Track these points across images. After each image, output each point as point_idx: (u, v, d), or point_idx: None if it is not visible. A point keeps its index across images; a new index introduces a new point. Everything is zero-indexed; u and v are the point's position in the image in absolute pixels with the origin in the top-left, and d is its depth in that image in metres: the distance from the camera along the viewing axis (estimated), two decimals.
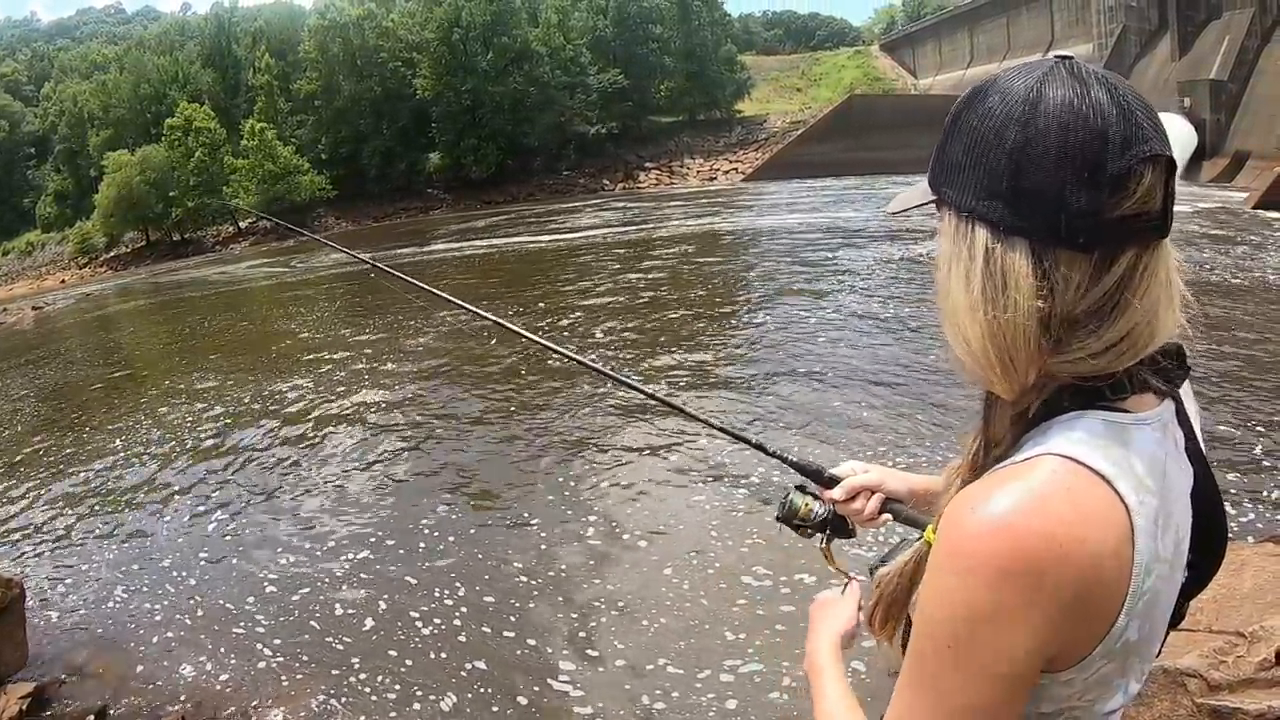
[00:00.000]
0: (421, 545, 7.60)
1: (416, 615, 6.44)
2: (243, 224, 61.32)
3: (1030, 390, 1.05)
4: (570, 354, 2.46)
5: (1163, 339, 1.04)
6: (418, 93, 59.43)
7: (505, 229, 37.57)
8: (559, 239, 31.37)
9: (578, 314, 16.37)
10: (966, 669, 0.97)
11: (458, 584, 6.83)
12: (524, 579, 6.78)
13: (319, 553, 7.76)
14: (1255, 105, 29.19)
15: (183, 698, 5.80)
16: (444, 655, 5.95)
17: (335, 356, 15.79)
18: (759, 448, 1.92)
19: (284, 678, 5.90)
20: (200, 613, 6.94)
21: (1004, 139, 0.99)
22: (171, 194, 58.92)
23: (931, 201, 1.13)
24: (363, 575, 7.20)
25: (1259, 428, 7.81)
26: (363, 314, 21.16)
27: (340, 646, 6.20)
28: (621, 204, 43.78)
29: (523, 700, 5.35)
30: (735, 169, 54.84)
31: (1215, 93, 30.43)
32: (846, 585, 1.59)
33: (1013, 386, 1.04)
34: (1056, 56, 1.04)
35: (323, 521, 8.47)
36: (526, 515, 7.90)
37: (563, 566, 6.86)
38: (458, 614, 6.41)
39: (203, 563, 7.91)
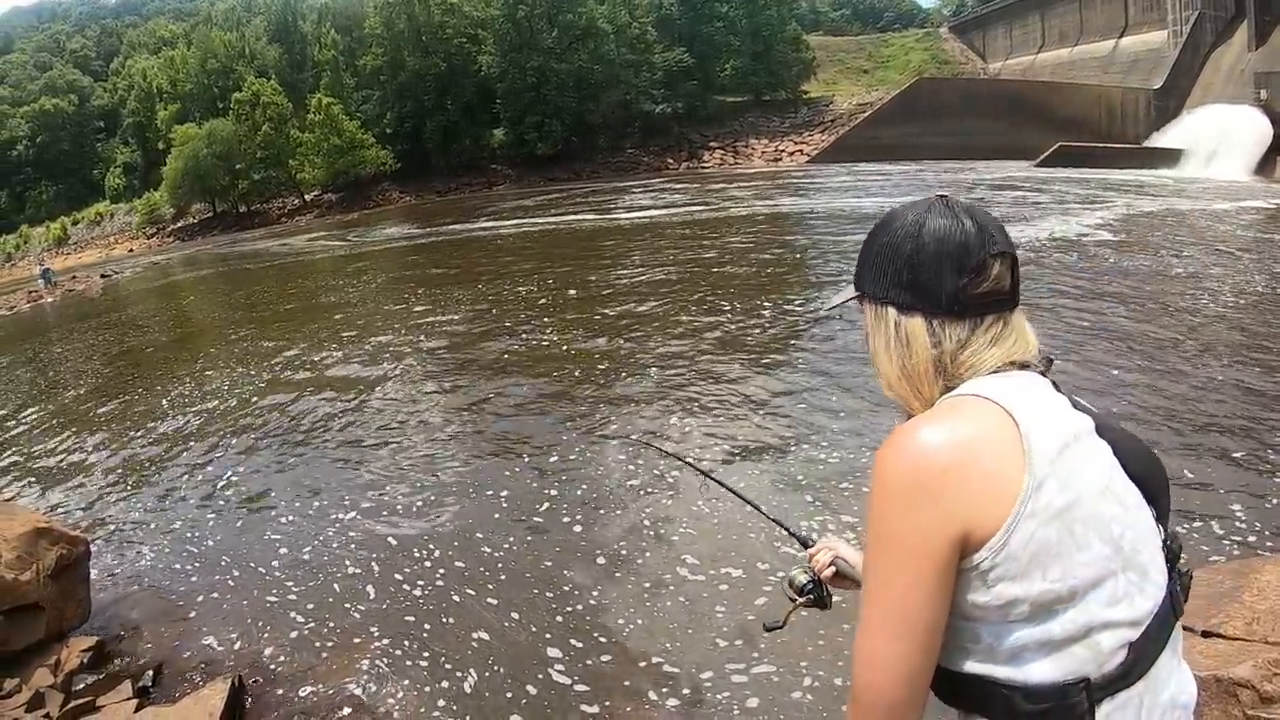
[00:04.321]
0: (466, 526, 7.48)
1: (458, 597, 6.35)
2: (307, 197, 61.93)
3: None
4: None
5: (1023, 359, 1.45)
6: (482, 69, 59.57)
7: (568, 206, 37.46)
8: (622, 218, 31.15)
9: (637, 297, 16.05)
10: (892, 558, 1.30)
11: (494, 562, 6.77)
12: (550, 564, 6.67)
13: (355, 522, 7.77)
14: None
15: (232, 661, 5.80)
16: (468, 630, 5.91)
17: (385, 327, 15.87)
18: (776, 521, 2.55)
19: (328, 644, 5.89)
20: (245, 578, 6.95)
21: (902, 250, 1.45)
22: (238, 167, 59.74)
23: (857, 296, 1.57)
24: (425, 548, 7.13)
25: None
26: (414, 285, 21.25)
27: (383, 614, 6.18)
28: (685, 183, 43.50)
29: (531, 689, 5.23)
30: (800, 150, 54.25)
31: None
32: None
33: (926, 407, 1.45)
34: (937, 195, 1.50)
35: (362, 491, 8.46)
36: (565, 498, 7.76)
37: (592, 560, 6.69)
38: (486, 589, 6.38)
39: (247, 528, 7.95)
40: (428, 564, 6.84)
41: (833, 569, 2.06)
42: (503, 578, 6.51)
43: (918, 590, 1.28)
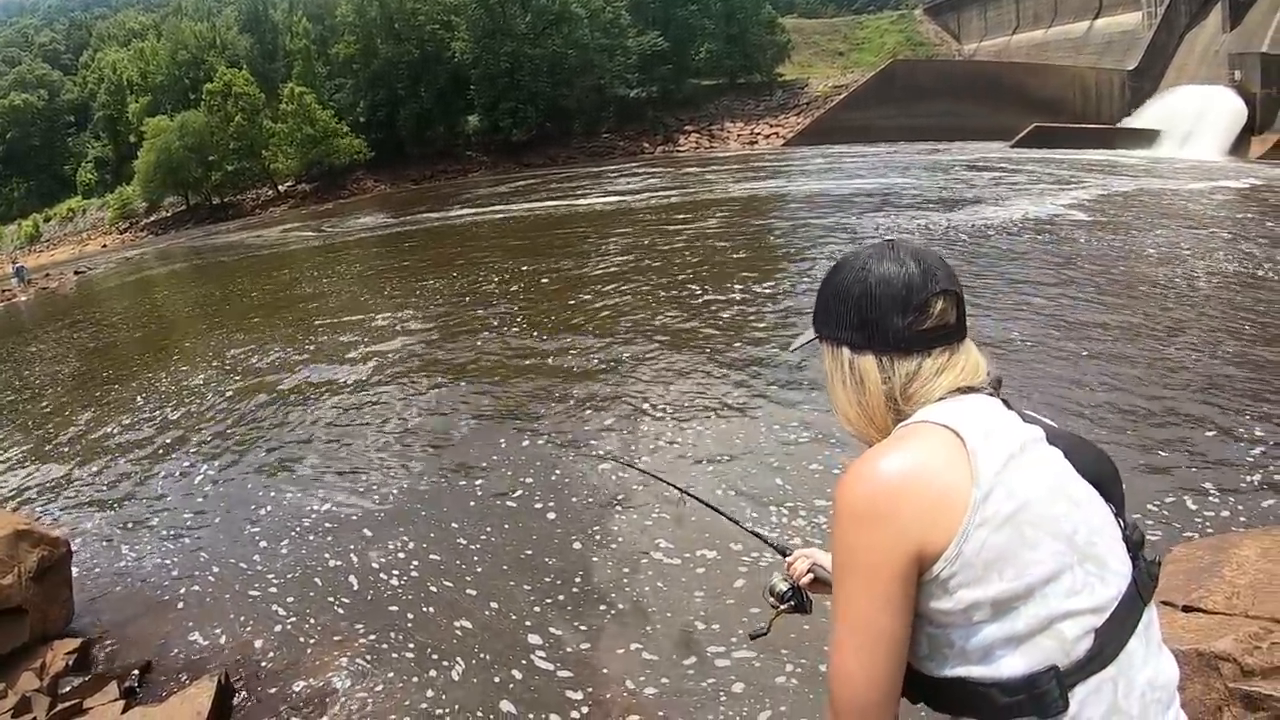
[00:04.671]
0: (433, 514, 7.57)
1: (435, 588, 6.39)
2: (281, 187, 61.49)
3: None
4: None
5: (971, 383, 1.52)
6: (455, 55, 59.05)
7: (543, 192, 37.31)
8: (597, 203, 31.07)
9: (611, 285, 16.02)
10: (856, 578, 1.38)
11: (468, 552, 6.83)
12: (530, 552, 6.72)
13: (333, 515, 7.81)
14: None
15: (217, 658, 5.81)
16: (450, 620, 5.96)
17: (359, 319, 15.84)
18: (755, 534, 2.73)
19: (313, 638, 5.93)
20: (226, 574, 6.97)
21: (851, 294, 1.54)
22: (210, 159, 59.21)
23: (816, 338, 1.65)
24: (387, 538, 7.20)
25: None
26: (389, 275, 21.32)
27: (364, 608, 6.21)
28: (661, 168, 43.36)
29: (516, 675, 5.28)
30: (776, 133, 54.07)
31: (1267, 66, 29.69)
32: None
33: (882, 436, 1.53)
34: (885, 240, 1.61)
35: (339, 483, 8.51)
36: (539, 486, 7.82)
37: (567, 547, 6.75)
38: (464, 580, 6.43)
39: (226, 523, 7.98)
40: (403, 555, 6.89)
41: (810, 575, 2.16)
42: (479, 569, 6.56)
43: (880, 606, 1.36)
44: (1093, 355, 9.40)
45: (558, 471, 8.08)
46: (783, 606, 2.19)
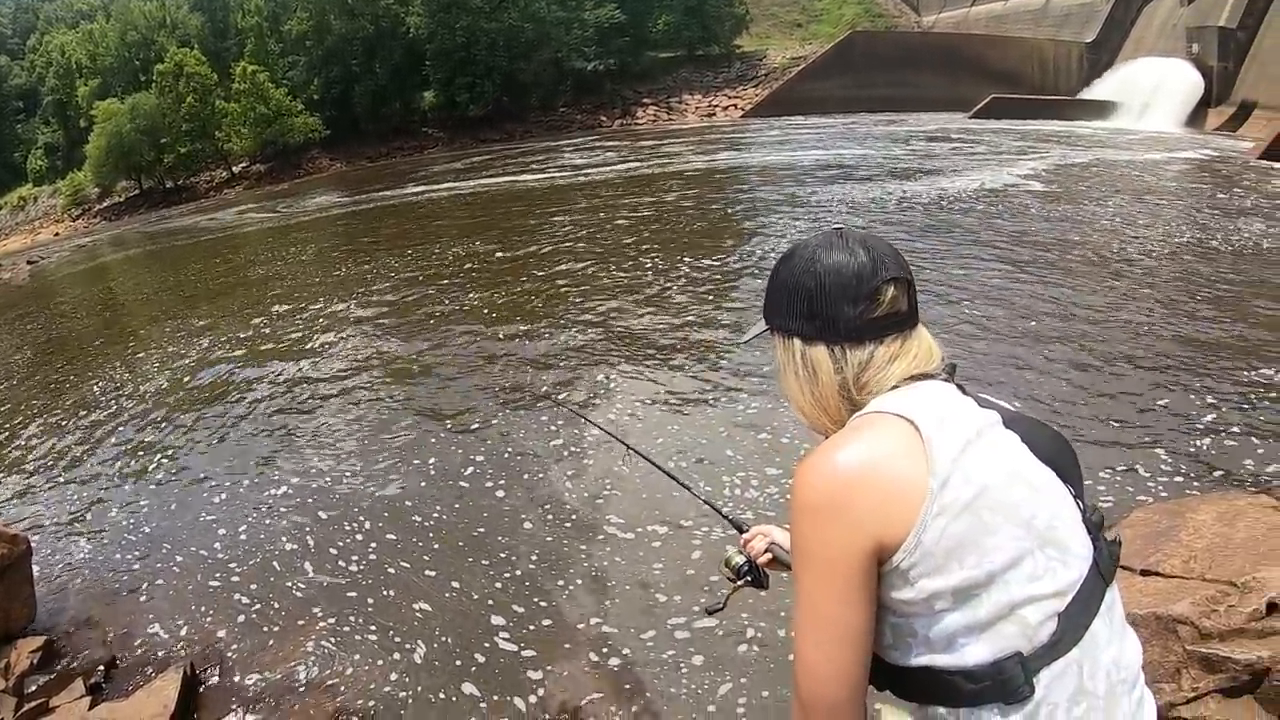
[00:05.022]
0: (386, 495, 7.60)
1: (393, 570, 6.43)
2: (236, 168, 60.61)
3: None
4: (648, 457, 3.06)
5: (925, 370, 1.53)
6: (410, 30, 58.18)
7: (500, 167, 37.00)
8: (555, 177, 30.86)
9: (567, 260, 16.05)
10: (816, 571, 1.37)
11: (425, 532, 6.88)
12: (483, 530, 6.79)
13: (289, 499, 7.83)
14: (1264, 56, 28.82)
15: (182, 650, 5.80)
16: (410, 601, 6.00)
17: (313, 300, 15.79)
18: (709, 503, 2.70)
19: (275, 625, 5.93)
20: (187, 562, 6.95)
21: (802, 286, 1.53)
22: (163, 141, 58.16)
23: (767, 330, 1.65)
24: (346, 525, 7.19)
25: (1243, 386, 7.74)
26: (344, 255, 21.11)
27: (324, 592, 6.23)
28: (619, 141, 43.14)
29: (479, 657, 5.32)
30: (734, 105, 53.87)
31: (1224, 40, 29.99)
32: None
33: (836, 427, 1.53)
34: (833, 228, 1.59)
35: (293, 467, 8.53)
36: (490, 464, 7.88)
37: (520, 525, 6.81)
38: (421, 561, 6.47)
39: (184, 510, 7.95)
40: (360, 537, 6.91)
41: (769, 555, 2.18)
42: (436, 547, 6.61)
43: (841, 600, 1.36)
44: (1046, 326, 9.52)
45: (509, 450, 8.12)
46: (739, 582, 2.20)
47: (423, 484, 7.67)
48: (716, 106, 55.01)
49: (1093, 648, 1.40)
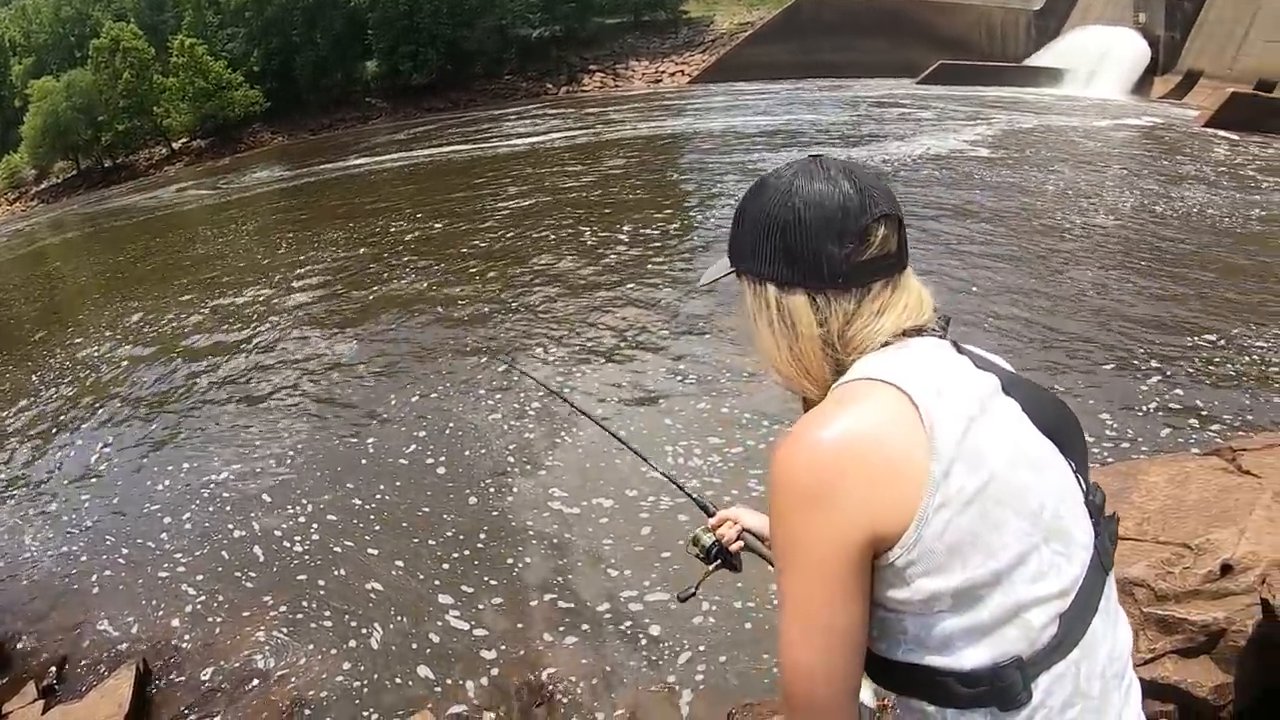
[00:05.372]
0: (335, 476, 7.51)
1: (339, 551, 6.39)
2: (175, 145, 59.42)
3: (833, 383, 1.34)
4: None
5: (918, 322, 1.34)
6: None
7: (444, 137, 36.58)
8: (500, 146, 30.62)
9: (510, 229, 15.96)
10: (802, 569, 1.21)
11: (367, 513, 6.82)
12: (427, 510, 6.76)
13: (230, 483, 7.74)
14: (1210, 26, 29.11)
15: (133, 646, 5.69)
16: (359, 584, 5.97)
17: (254, 279, 15.55)
18: (672, 480, 2.57)
19: (226, 615, 5.85)
20: (134, 554, 6.83)
21: (777, 221, 1.33)
22: (100, 119, 56.78)
23: (732, 272, 1.44)
24: (285, 508, 7.13)
25: (1187, 349, 7.88)
26: (286, 231, 20.80)
27: (272, 579, 6.17)
28: (565, 108, 42.87)
29: (434, 638, 5.31)
30: (682, 71, 53.56)
31: (1170, 10, 30.25)
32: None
33: (818, 388, 1.36)
34: (810, 156, 1.38)
35: (234, 450, 8.42)
36: (431, 440, 7.86)
37: (464, 501, 6.79)
38: (365, 542, 6.44)
39: (127, 501, 7.79)
40: (302, 519, 6.85)
41: (740, 544, 2.07)
42: (378, 528, 6.56)
43: (832, 599, 1.20)
44: (990, 292, 9.61)
45: (450, 424, 8.09)
46: (710, 566, 2.10)
47: (364, 462, 7.63)
48: (663, 73, 54.66)
49: (1092, 646, 1.29)
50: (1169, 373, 7.36)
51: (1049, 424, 1.34)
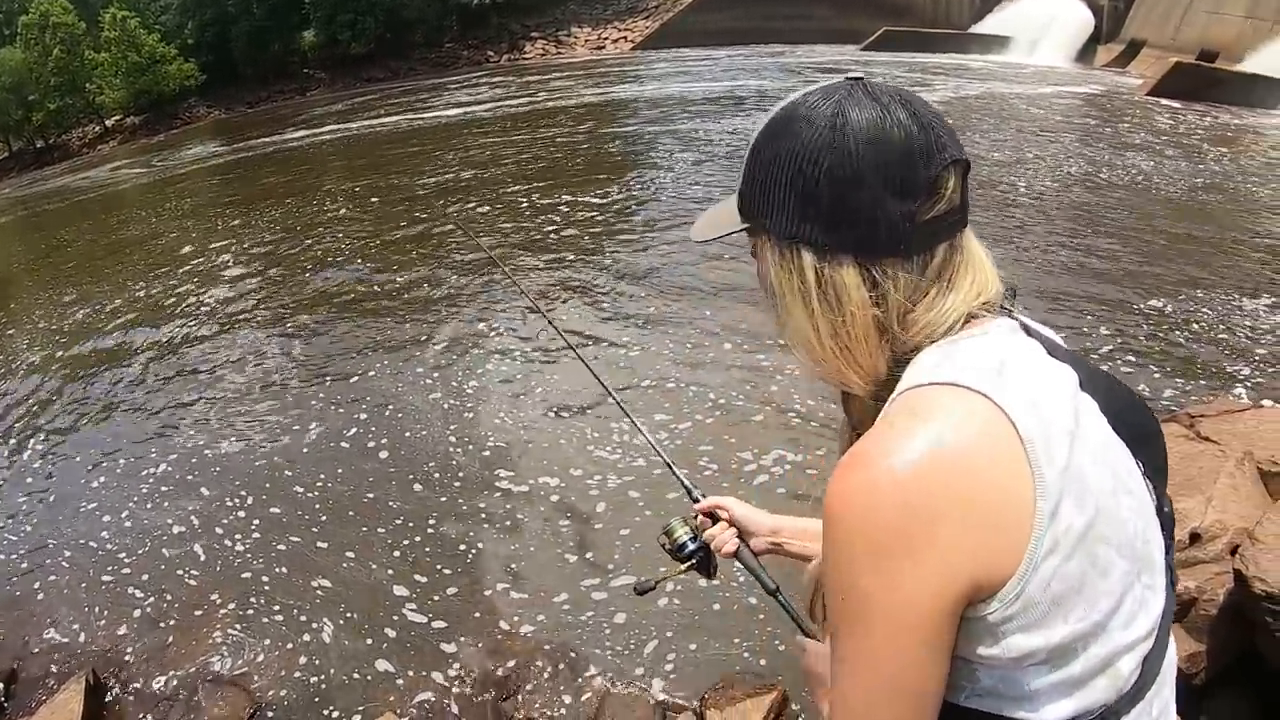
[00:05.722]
0: (273, 465, 7.33)
1: (284, 545, 6.22)
2: (109, 122, 58.01)
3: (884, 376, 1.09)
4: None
5: (987, 297, 1.09)
6: None
7: (384, 108, 35.99)
8: (441, 115, 30.25)
9: (448, 201, 15.81)
10: (877, 633, 0.96)
11: (311, 503, 6.66)
12: (372, 496, 6.61)
13: (168, 476, 7.51)
14: None
15: (82, 656, 5.46)
16: (308, 578, 5.82)
17: (189, 260, 15.12)
18: (663, 458, 2.13)
19: (175, 618, 5.65)
20: (77, 558, 6.57)
21: (815, 165, 1.02)
22: (31, 98, 55.22)
23: (742, 229, 1.14)
24: (228, 510, 6.85)
25: (1136, 315, 7.96)
26: (223, 208, 20.30)
27: (218, 577, 5.98)
28: (506, 76, 42.38)
29: (390, 632, 5.19)
30: (624, 38, 53.21)
31: None
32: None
33: (866, 383, 1.10)
34: (848, 79, 1.08)
35: (168, 442, 8.16)
36: (372, 424, 7.70)
37: (409, 487, 6.66)
38: (311, 534, 6.28)
39: (64, 502, 7.48)
40: (242, 513, 6.66)
41: (732, 549, 1.79)
42: (323, 518, 6.41)
43: (913, 663, 0.96)
44: None
45: (391, 406, 7.94)
46: (683, 567, 1.85)
47: (304, 450, 7.44)
48: (606, 39, 54.29)
49: (1163, 683, 1.13)
50: (1120, 341, 7.42)
51: (1128, 426, 1.11)
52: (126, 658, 5.37)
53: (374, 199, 17.08)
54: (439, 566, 5.64)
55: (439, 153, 21.58)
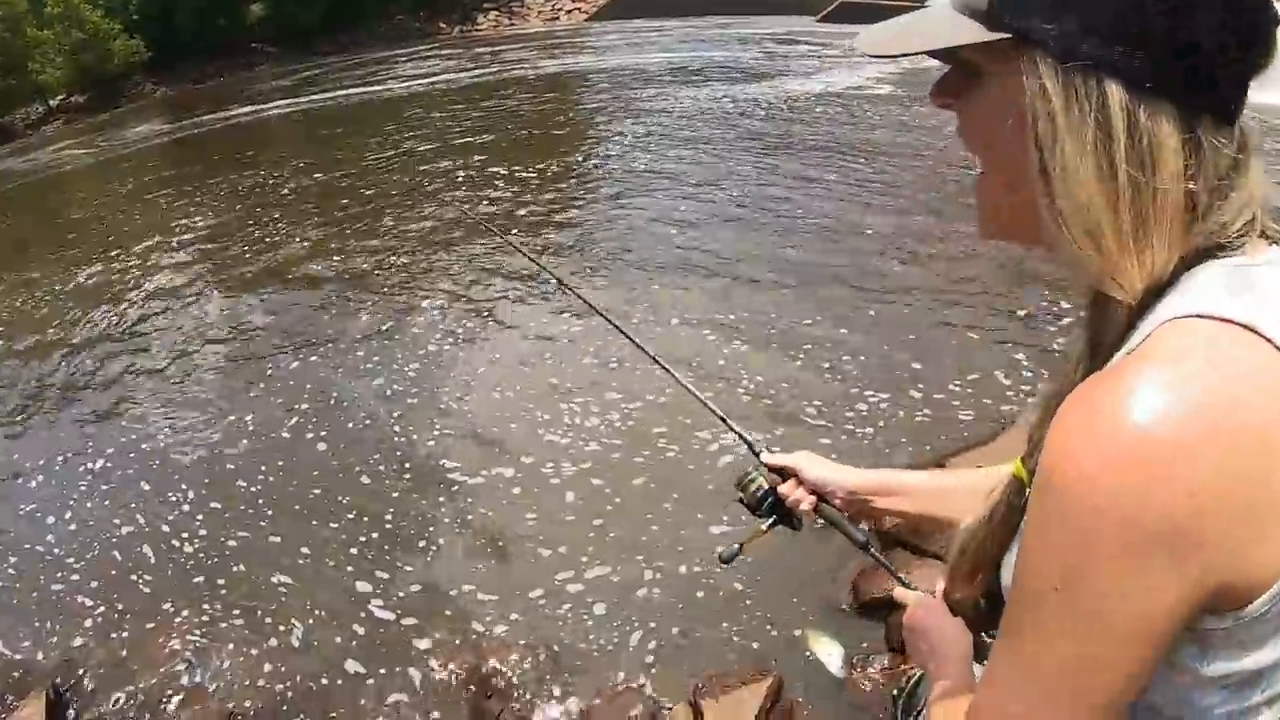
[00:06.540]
0: (213, 458, 7.08)
1: (234, 543, 5.99)
2: (53, 102, 56.68)
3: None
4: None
5: (1262, 204, 0.82)
6: None
7: (333, 82, 35.58)
8: (394, 88, 30.06)
9: (399, 175, 15.68)
10: (1092, 623, 0.74)
11: (255, 498, 6.44)
12: (319, 491, 6.38)
13: (107, 472, 7.23)
14: None
15: (39, 670, 5.18)
16: (265, 577, 5.60)
17: (130, 246, 14.55)
18: (715, 411, 1.91)
19: (131, 627, 5.41)
20: (21, 564, 6.26)
21: None
22: None
23: (992, 39, 0.82)
24: (178, 503, 6.60)
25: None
26: (166, 190, 19.64)
27: (171, 580, 5.74)
28: (458, 48, 42.16)
29: (359, 630, 5.00)
30: (579, 9, 52.98)
31: None
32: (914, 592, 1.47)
33: (1143, 279, 0.79)
34: None
35: (105, 434, 7.88)
36: (312, 413, 7.48)
37: (356, 479, 6.45)
38: (260, 529, 6.08)
39: (5, 508, 7.08)
40: (186, 508, 6.43)
41: (810, 504, 1.65)
42: (270, 512, 6.20)
43: (1125, 680, 0.76)
44: (900, 231, 9.52)
45: (334, 395, 7.72)
46: (765, 525, 1.72)
47: (244, 441, 7.20)
48: (560, 9, 54.01)
49: None
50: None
51: None
52: (86, 670, 5.13)
53: (320, 175, 16.91)
54: (399, 563, 5.46)
55: (389, 127, 21.36)
